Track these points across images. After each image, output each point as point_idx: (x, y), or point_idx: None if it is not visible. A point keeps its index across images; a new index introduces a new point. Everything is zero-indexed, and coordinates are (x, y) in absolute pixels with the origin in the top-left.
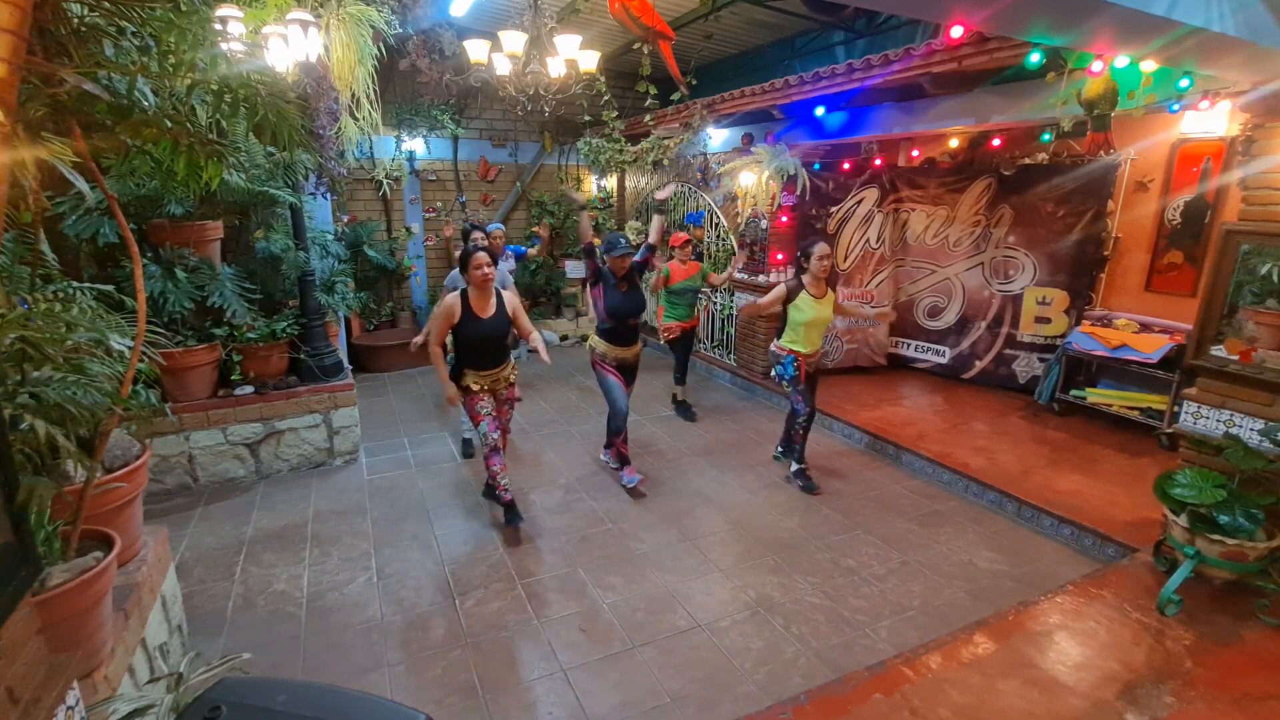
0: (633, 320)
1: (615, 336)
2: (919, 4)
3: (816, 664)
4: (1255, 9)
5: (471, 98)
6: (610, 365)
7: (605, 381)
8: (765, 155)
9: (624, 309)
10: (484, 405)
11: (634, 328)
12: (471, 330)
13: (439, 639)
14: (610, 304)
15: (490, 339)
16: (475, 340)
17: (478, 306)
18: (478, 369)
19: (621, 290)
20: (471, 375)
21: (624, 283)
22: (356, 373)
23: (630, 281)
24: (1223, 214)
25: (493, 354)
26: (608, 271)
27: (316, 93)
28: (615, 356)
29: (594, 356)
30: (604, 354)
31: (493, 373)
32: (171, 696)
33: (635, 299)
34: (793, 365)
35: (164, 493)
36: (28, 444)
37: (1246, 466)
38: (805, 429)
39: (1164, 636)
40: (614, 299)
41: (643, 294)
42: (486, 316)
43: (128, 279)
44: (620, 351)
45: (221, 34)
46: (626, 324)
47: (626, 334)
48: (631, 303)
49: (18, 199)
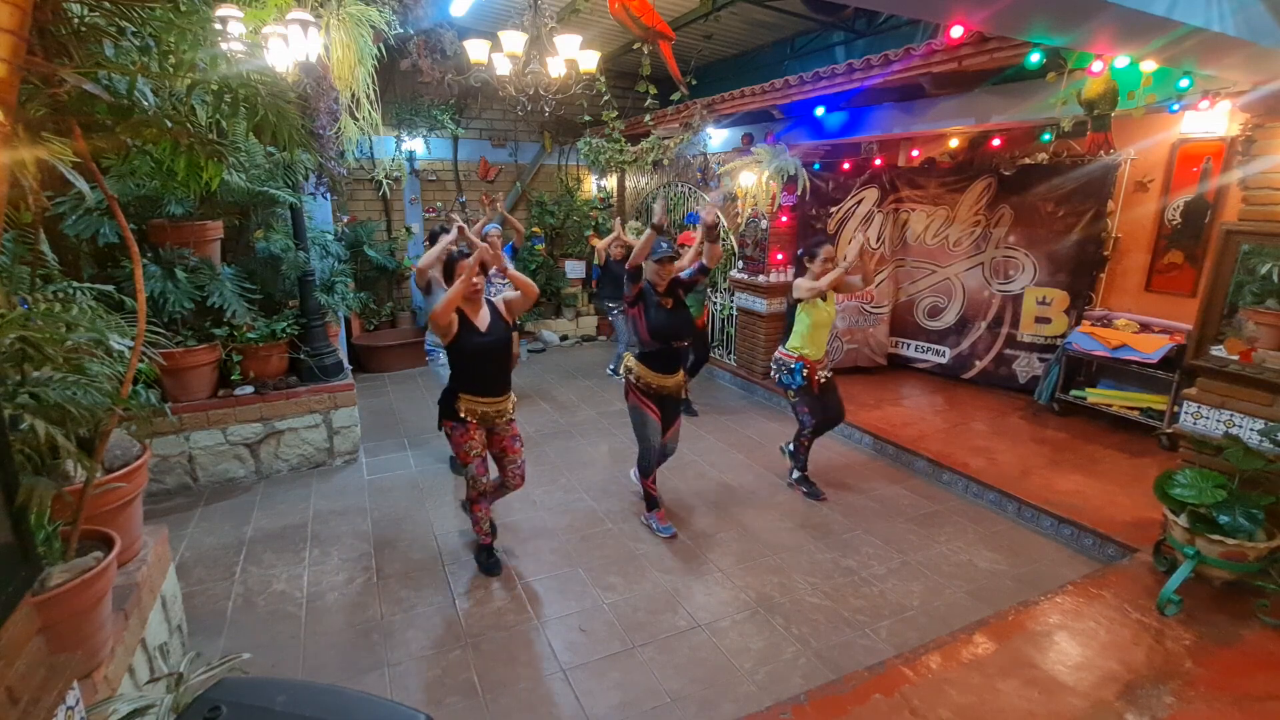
0: (678, 343)
1: (656, 361)
2: (919, 4)
3: (816, 664)
4: (1255, 9)
5: (471, 98)
6: (649, 398)
7: (639, 417)
8: (765, 155)
9: (668, 328)
10: (474, 443)
11: (679, 351)
12: (469, 344)
13: (439, 639)
14: (653, 323)
15: (491, 353)
16: (474, 355)
17: (474, 318)
18: (475, 393)
19: (666, 307)
20: (467, 401)
21: (668, 297)
22: (356, 373)
23: (675, 297)
24: (1223, 214)
25: (494, 375)
26: (649, 287)
27: (316, 93)
28: (655, 385)
29: (629, 384)
30: (641, 380)
31: (493, 402)
32: (171, 696)
33: (681, 317)
34: (802, 373)
35: (164, 493)
36: (28, 444)
37: (1246, 466)
38: (812, 439)
39: (1164, 636)
40: (658, 317)
41: (689, 312)
42: (484, 329)
43: (128, 279)
44: (661, 379)
45: (221, 34)
46: (671, 347)
47: (670, 359)
48: (677, 321)
49: (18, 199)
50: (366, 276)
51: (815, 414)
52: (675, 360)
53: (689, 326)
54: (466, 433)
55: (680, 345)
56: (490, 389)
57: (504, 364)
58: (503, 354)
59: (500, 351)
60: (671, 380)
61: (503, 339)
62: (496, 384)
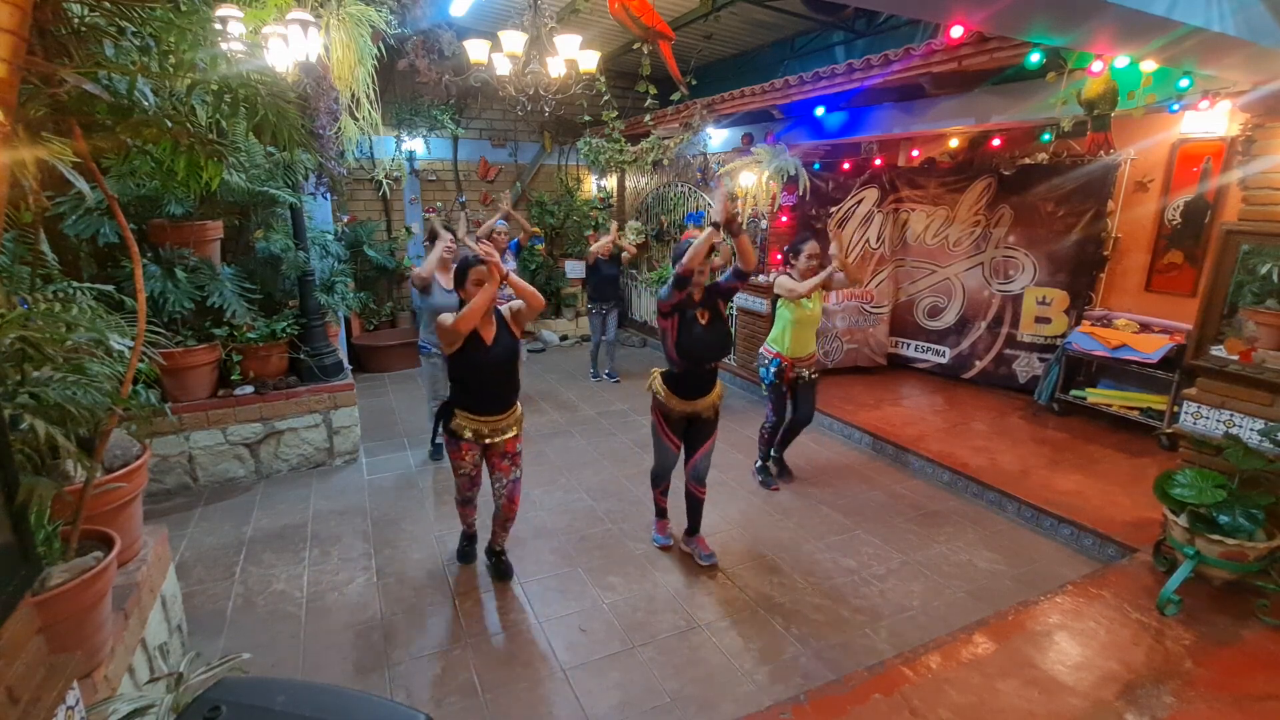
0: (713, 363)
1: (684, 384)
2: (919, 4)
3: (816, 664)
4: (1255, 9)
5: (471, 98)
6: (672, 426)
7: (658, 441)
8: (765, 155)
9: (702, 346)
10: (465, 463)
11: (712, 373)
12: (474, 357)
13: (439, 639)
14: (685, 340)
15: (496, 367)
16: (477, 369)
17: (481, 330)
18: (473, 410)
19: (701, 320)
20: (463, 417)
21: (704, 309)
22: (356, 373)
23: (713, 308)
24: (1223, 214)
25: (496, 391)
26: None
27: (316, 93)
28: (680, 411)
29: (655, 404)
30: (666, 405)
31: (491, 420)
32: (171, 696)
33: (718, 333)
34: (775, 368)
35: (164, 493)
36: (28, 444)
37: (1246, 466)
38: (772, 434)
39: (1164, 636)
40: (692, 333)
41: (728, 326)
42: (490, 341)
43: (128, 279)
44: (687, 404)
45: (221, 34)
46: (704, 368)
47: (700, 381)
48: (713, 337)
49: (18, 199)
50: (366, 276)
51: (778, 411)
52: (706, 381)
53: (725, 344)
54: (459, 450)
55: (716, 366)
56: (489, 405)
57: (508, 379)
58: (508, 368)
59: (505, 365)
60: (703, 403)
61: (509, 351)
62: (498, 400)
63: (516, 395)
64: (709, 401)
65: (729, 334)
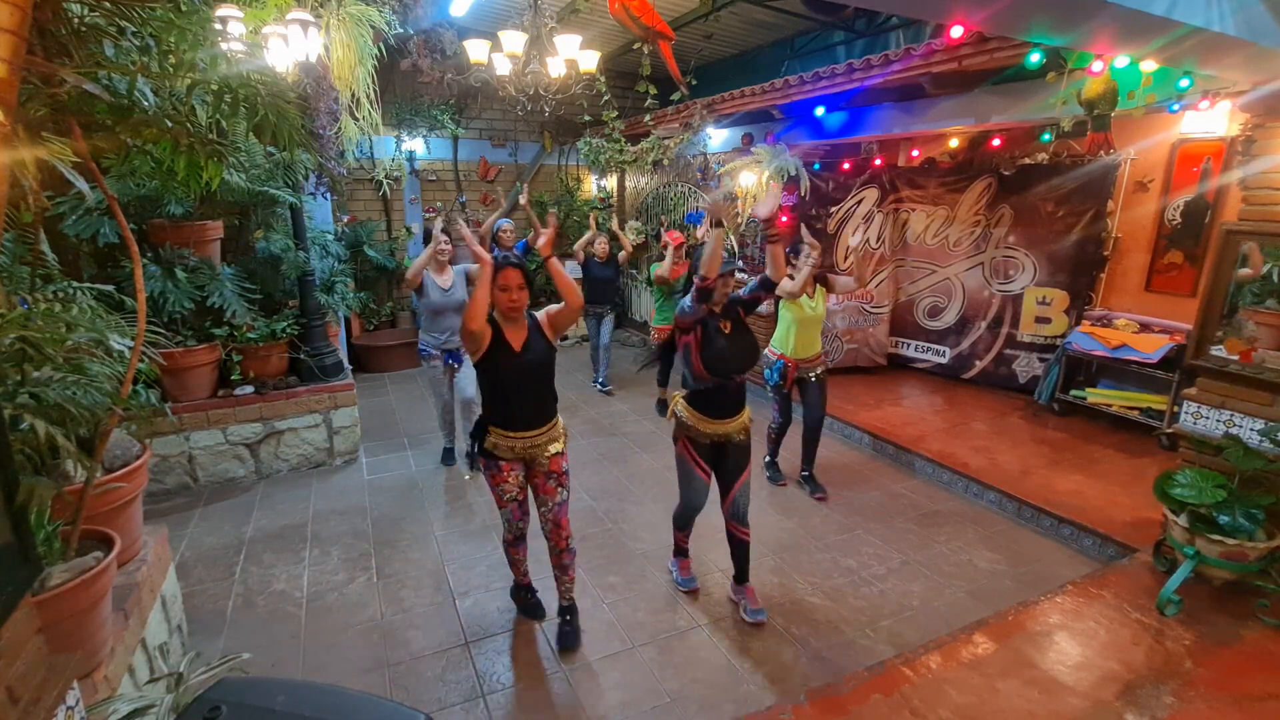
0: (740, 376)
1: (710, 403)
2: (919, 4)
3: (816, 664)
4: (1255, 9)
5: (471, 98)
6: (701, 452)
7: (685, 471)
8: (765, 155)
9: (728, 359)
10: (509, 485)
11: (740, 389)
12: (501, 364)
13: (439, 639)
14: (709, 354)
15: (526, 377)
16: (505, 379)
17: (509, 335)
18: (507, 425)
19: (725, 332)
20: (498, 434)
21: (726, 319)
22: (356, 373)
23: (734, 318)
24: (1223, 214)
25: (529, 403)
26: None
27: (316, 93)
28: (710, 435)
29: (679, 431)
30: (694, 430)
31: (528, 436)
32: (171, 696)
33: (744, 344)
34: (779, 371)
35: (164, 493)
36: (28, 444)
37: (1246, 466)
38: (779, 434)
39: (1164, 636)
40: (715, 346)
41: (753, 337)
42: (519, 348)
43: (128, 279)
44: (717, 426)
45: (221, 34)
46: (733, 381)
47: (728, 398)
48: (739, 349)
49: (18, 199)
50: (366, 276)
51: (783, 413)
52: (735, 399)
53: (754, 353)
54: (499, 473)
55: (742, 380)
56: (524, 420)
57: (542, 390)
58: (541, 378)
59: (537, 373)
60: (733, 424)
61: (542, 358)
62: (534, 414)
63: (555, 407)
64: (740, 423)
65: (756, 343)
